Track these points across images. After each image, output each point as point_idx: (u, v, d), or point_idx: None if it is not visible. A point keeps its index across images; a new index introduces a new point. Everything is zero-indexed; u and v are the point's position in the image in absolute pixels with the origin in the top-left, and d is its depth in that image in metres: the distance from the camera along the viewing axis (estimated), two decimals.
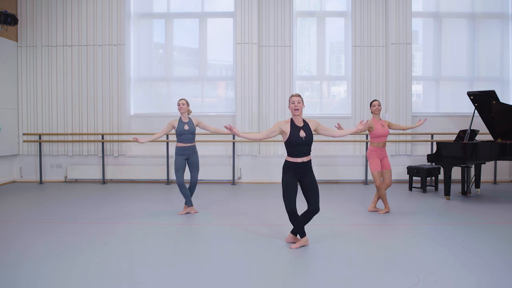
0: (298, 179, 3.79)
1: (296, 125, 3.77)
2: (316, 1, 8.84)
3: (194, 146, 5.37)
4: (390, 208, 5.58)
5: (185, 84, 8.77)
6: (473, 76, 8.67)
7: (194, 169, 5.37)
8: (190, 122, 5.31)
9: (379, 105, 5.30)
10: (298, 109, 3.75)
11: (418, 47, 8.89)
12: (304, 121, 3.83)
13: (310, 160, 3.83)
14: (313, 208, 3.82)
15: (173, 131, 5.37)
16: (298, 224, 3.83)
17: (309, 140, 3.76)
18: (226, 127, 3.82)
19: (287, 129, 3.74)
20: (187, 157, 5.29)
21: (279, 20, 8.29)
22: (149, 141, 5.46)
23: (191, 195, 5.44)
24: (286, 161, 3.80)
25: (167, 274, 3.20)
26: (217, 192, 7.11)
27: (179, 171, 5.24)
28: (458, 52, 8.69)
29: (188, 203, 5.37)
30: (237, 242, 4.07)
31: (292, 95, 3.83)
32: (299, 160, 3.73)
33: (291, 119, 3.82)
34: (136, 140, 5.08)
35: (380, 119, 5.36)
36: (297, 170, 3.75)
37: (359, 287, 3.00)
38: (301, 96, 3.86)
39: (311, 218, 3.91)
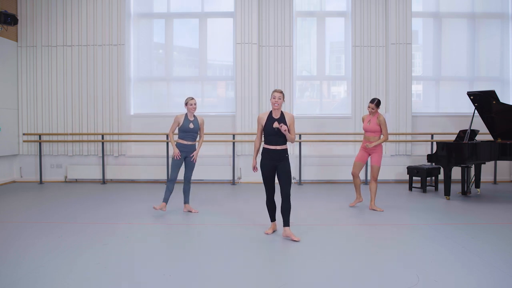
0: (275, 165, 4.14)
1: (273, 117, 4.15)
2: (316, 1, 8.83)
3: (195, 145, 5.37)
4: (377, 205, 5.71)
5: (185, 84, 8.77)
6: (473, 76, 8.67)
7: (189, 167, 5.37)
8: (195, 121, 5.31)
9: (372, 108, 5.54)
10: (277, 104, 4.11)
11: (418, 47, 8.88)
12: (282, 114, 4.18)
13: (286, 149, 4.18)
14: (284, 192, 4.12)
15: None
16: (272, 209, 4.34)
17: (281, 132, 4.07)
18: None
19: (264, 121, 4.17)
20: (186, 155, 5.30)
21: (279, 20, 8.28)
22: (174, 141, 5.37)
23: (188, 194, 5.45)
24: (263, 148, 4.25)
25: (167, 274, 3.20)
26: (217, 192, 7.11)
27: (176, 168, 5.24)
28: (458, 52, 8.69)
29: (165, 200, 5.24)
30: (237, 242, 4.08)
31: (275, 90, 4.17)
32: (272, 147, 4.13)
33: (271, 111, 4.21)
34: (177, 154, 5.19)
35: (373, 117, 5.57)
36: (272, 156, 4.14)
37: (359, 287, 3.00)
38: (283, 92, 4.19)
39: (288, 204, 4.14)
